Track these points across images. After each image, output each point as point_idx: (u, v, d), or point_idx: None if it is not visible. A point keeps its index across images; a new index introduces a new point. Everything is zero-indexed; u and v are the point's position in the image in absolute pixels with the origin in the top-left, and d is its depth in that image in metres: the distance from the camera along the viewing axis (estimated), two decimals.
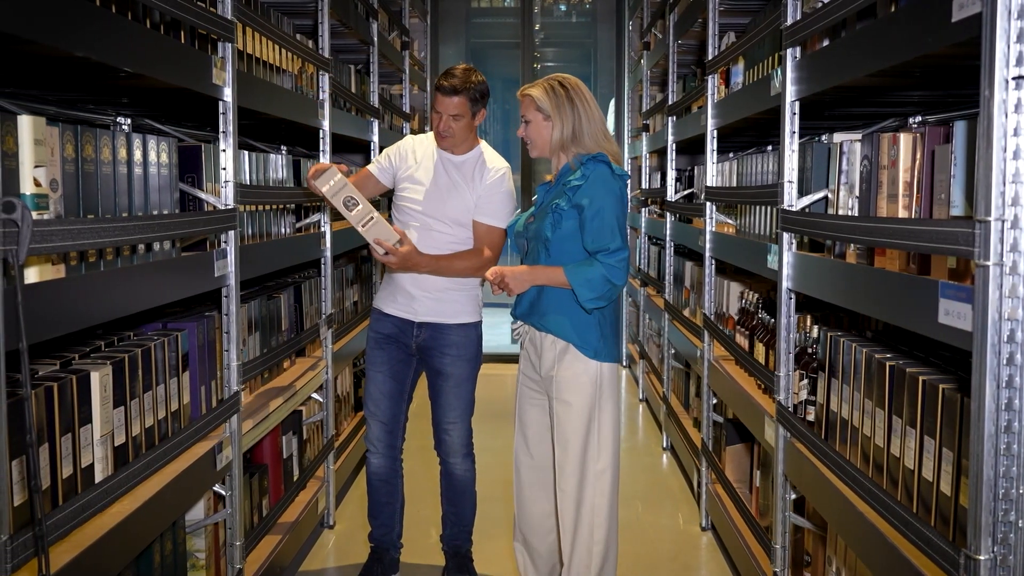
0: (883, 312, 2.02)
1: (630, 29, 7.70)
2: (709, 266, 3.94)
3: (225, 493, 2.80)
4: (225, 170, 2.77)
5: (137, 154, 2.23)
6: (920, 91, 2.63)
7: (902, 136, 2.12)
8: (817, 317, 2.84)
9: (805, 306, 2.92)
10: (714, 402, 3.94)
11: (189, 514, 2.72)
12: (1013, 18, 1.47)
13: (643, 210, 6.60)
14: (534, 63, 8.33)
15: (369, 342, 3.35)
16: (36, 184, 1.76)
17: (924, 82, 2.41)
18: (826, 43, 2.61)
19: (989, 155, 1.51)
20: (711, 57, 3.91)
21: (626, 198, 2.88)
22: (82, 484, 2.00)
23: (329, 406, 4.04)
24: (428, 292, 3.22)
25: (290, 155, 3.81)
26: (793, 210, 2.68)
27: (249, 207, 3.17)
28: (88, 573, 1.88)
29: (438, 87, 3.14)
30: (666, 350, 5.33)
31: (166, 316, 2.75)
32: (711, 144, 3.91)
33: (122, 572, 2.18)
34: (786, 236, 2.67)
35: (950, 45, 1.68)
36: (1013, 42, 1.47)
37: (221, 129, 2.74)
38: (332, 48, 4.07)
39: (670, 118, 5.20)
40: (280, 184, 3.57)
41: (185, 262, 2.48)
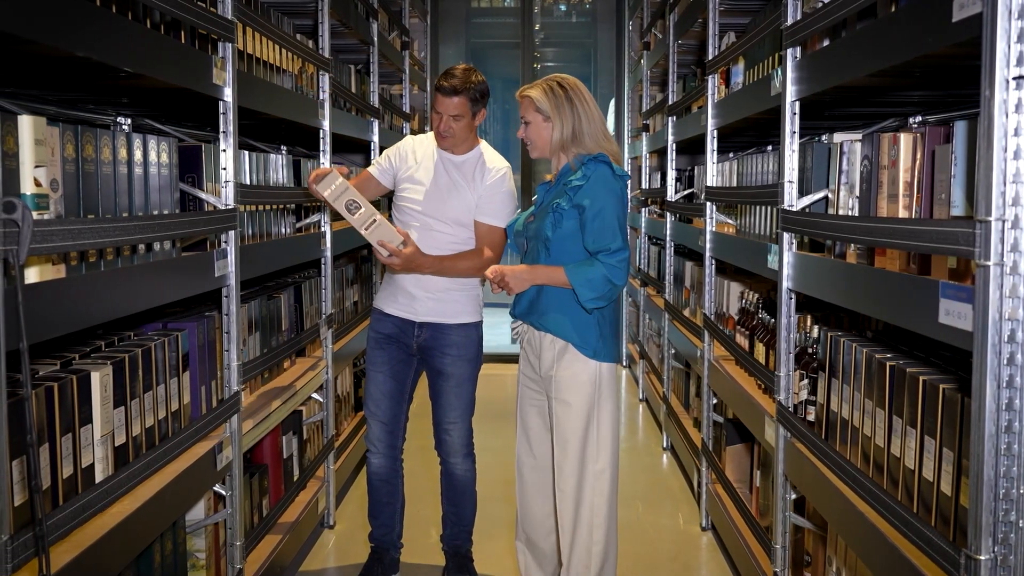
0: (883, 312, 2.02)
1: (630, 29, 7.70)
2: (709, 266, 3.94)
3: (225, 493, 2.80)
4: (225, 170, 2.77)
5: (137, 154, 2.23)
6: (920, 91, 2.63)
7: (902, 136, 2.11)
8: (817, 317, 2.84)
9: (805, 306, 2.92)
10: (714, 402, 3.94)
11: (189, 514, 2.72)
12: (1013, 18, 1.47)
13: (643, 210, 6.59)
14: (534, 63, 8.33)
15: (370, 342, 3.35)
16: (36, 184, 1.76)
17: (924, 82, 2.41)
18: (826, 43, 2.61)
19: (989, 155, 1.51)
20: (711, 57, 3.91)
21: (627, 198, 2.88)
22: (82, 484, 2.00)
23: (329, 406, 4.04)
24: (429, 292, 3.22)
25: (290, 155, 3.81)
26: (793, 210, 2.68)
27: (249, 207, 3.17)
28: (88, 573, 1.88)
29: (438, 87, 3.14)
30: (666, 350, 5.33)
31: (166, 316, 2.75)
32: (711, 144, 3.91)
33: (122, 572, 2.19)
34: (786, 236, 2.67)
35: (950, 45, 1.68)
36: (1014, 42, 1.47)
37: (221, 129, 2.75)
38: (332, 48, 4.07)
39: (670, 118, 5.20)
40: (280, 184, 3.57)
41: (185, 262, 2.48)
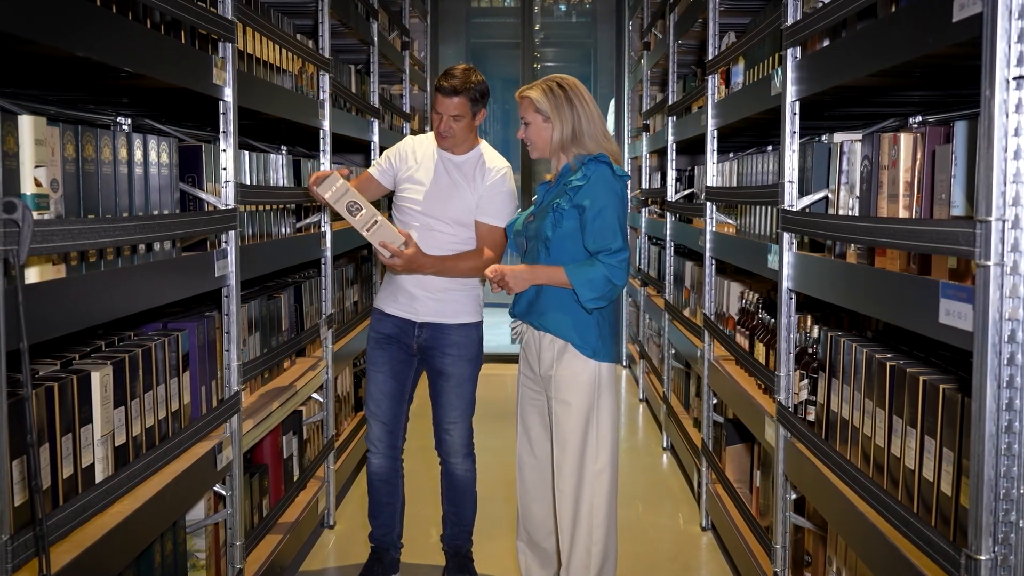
0: (884, 312, 2.02)
1: (630, 29, 7.70)
2: (709, 266, 3.94)
3: (225, 493, 2.80)
4: (225, 170, 2.77)
5: (137, 154, 2.23)
6: (920, 91, 2.63)
7: (903, 136, 2.11)
8: (817, 317, 2.84)
9: (805, 306, 2.92)
10: (714, 402, 3.94)
11: (189, 514, 2.72)
12: (1014, 18, 1.47)
13: (643, 210, 6.59)
14: (534, 63, 8.33)
15: (370, 342, 3.35)
16: (37, 184, 1.76)
17: (924, 82, 2.41)
18: (826, 43, 2.61)
19: (990, 155, 1.51)
20: (711, 57, 3.91)
21: (627, 198, 2.88)
22: (82, 484, 2.00)
23: (329, 406, 4.04)
24: (429, 292, 3.22)
25: (290, 155, 3.81)
26: (793, 210, 2.68)
27: (249, 207, 3.17)
28: (89, 573, 1.88)
29: (438, 88, 3.14)
30: (666, 350, 5.33)
31: (166, 316, 2.75)
32: (711, 144, 3.91)
33: (123, 572, 2.18)
34: (786, 236, 2.67)
35: (950, 45, 1.68)
36: (1014, 42, 1.47)
37: (221, 129, 2.74)
38: (332, 48, 4.07)
39: (670, 118, 5.20)
40: (280, 184, 3.57)
41: (185, 262, 2.48)
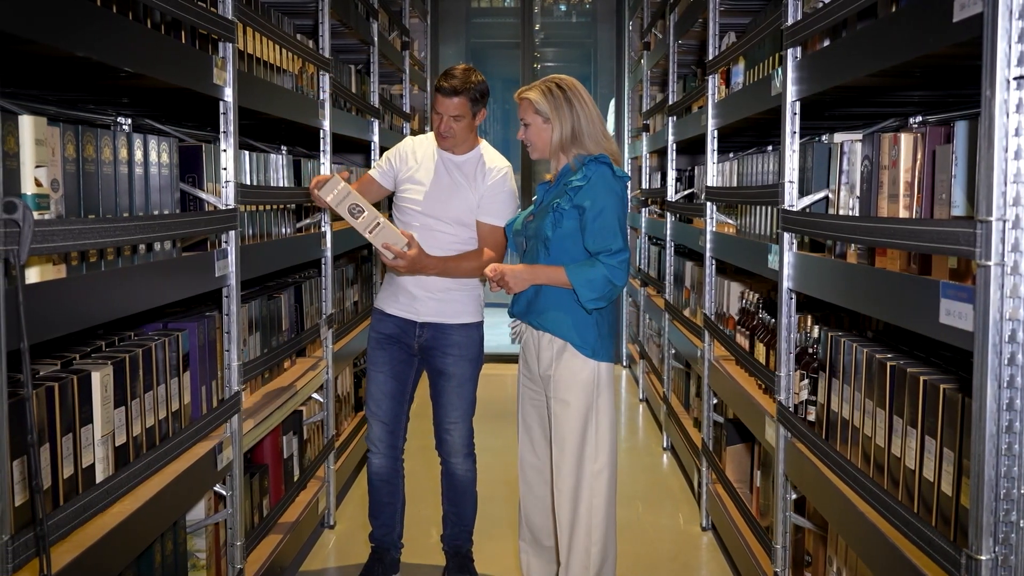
0: (884, 312, 2.02)
1: (630, 29, 7.70)
2: (709, 266, 3.94)
3: (226, 493, 2.80)
4: (226, 170, 2.77)
5: (138, 154, 2.23)
6: (921, 91, 2.63)
7: (903, 136, 2.11)
8: (818, 317, 2.84)
9: (806, 306, 2.92)
10: (714, 402, 3.94)
11: (190, 514, 2.72)
12: (1014, 18, 1.47)
13: (643, 210, 6.59)
14: (534, 63, 8.33)
15: (371, 342, 3.35)
16: (37, 184, 1.76)
17: (925, 82, 2.41)
18: (827, 43, 2.61)
19: (990, 155, 1.51)
20: (711, 57, 3.91)
21: (627, 199, 2.88)
22: (83, 484, 2.00)
23: (329, 406, 4.04)
24: (430, 292, 3.22)
25: (291, 155, 3.81)
26: (794, 210, 2.68)
27: (250, 207, 3.17)
28: (89, 573, 1.88)
29: (438, 88, 3.14)
30: (666, 350, 5.33)
31: (167, 316, 2.75)
32: (711, 144, 3.91)
33: (123, 572, 2.18)
34: (787, 236, 2.67)
35: (951, 45, 1.68)
36: (1014, 42, 1.47)
37: (222, 129, 2.74)
38: (332, 48, 4.07)
39: (670, 118, 5.20)
40: (280, 184, 3.57)
41: (186, 262, 2.48)
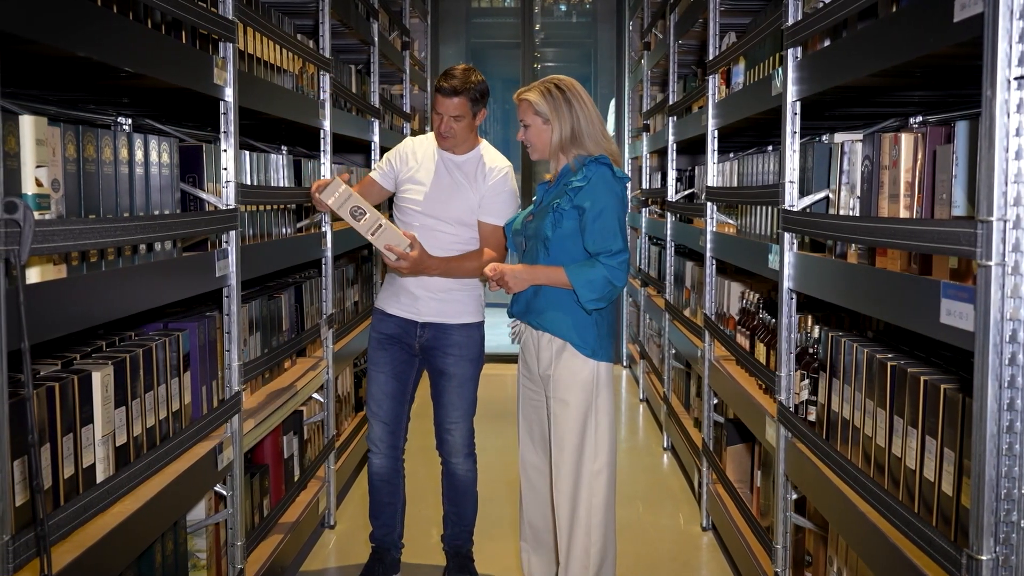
0: (884, 312, 2.02)
1: (630, 29, 7.70)
2: (710, 266, 3.94)
3: (226, 493, 2.80)
4: (226, 170, 2.77)
5: (138, 154, 2.23)
6: (921, 91, 2.63)
7: (903, 136, 2.11)
8: (818, 317, 2.84)
9: (806, 306, 2.92)
10: (715, 402, 3.94)
11: (190, 514, 2.72)
12: (1015, 18, 1.47)
13: (643, 210, 6.59)
14: (534, 63, 8.32)
15: (371, 342, 3.35)
16: (38, 184, 1.76)
17: (925, 82, 2.41)
18: (827, 43, 2.61)
19: (991, 155, 1.51)
20: (712, 57, 3.91)
21: (627, 200, 2.88)
22: (83, 484, 2.00)
23: (330, 406, 4.04)
24: (432, 292, 3.22)
25: (291, 155, 3.81)
26: (794, 210, 2.68)
27: (250, 207, 3.17)
28: (90, 573, 1.88)
29: (438, 88, 3.14)
30: (667, 350, 5.32)
31: (167, 316, 2.75)
32: (712, 144, 3.91)
33: (123, 572, 2.18)
34: (787, 236, 2.67)
35: (951, 45, 1.68)
36: (1015, 42, 1.47)
37: (222, 129, 2.74)
38: (333, 48, 4.07)
39: (671, 118, 5.20)
40: (281, 184, 3.57)
41: (186, 262, 2.48)
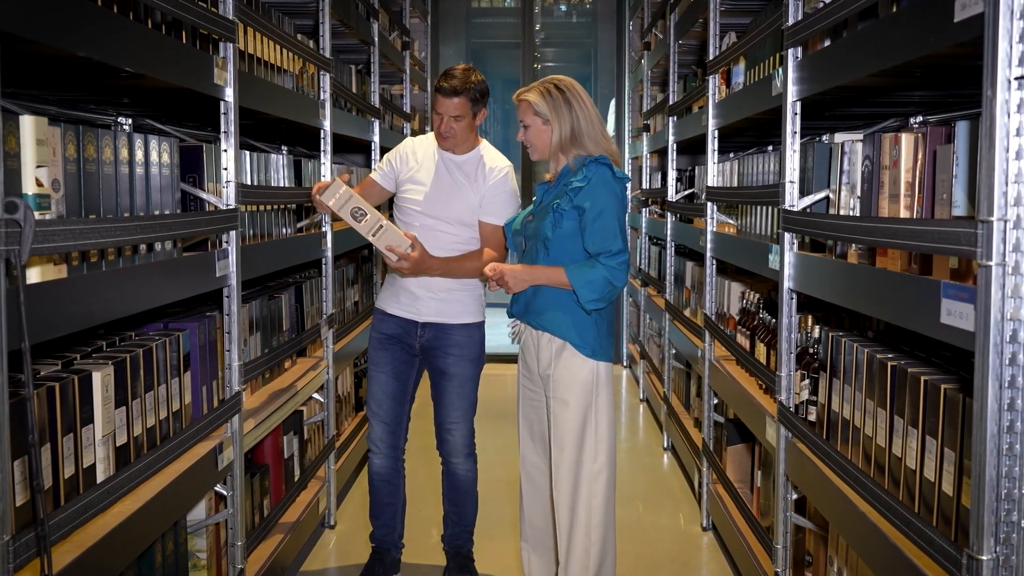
0: (885, 312, 2.02)
1: (630, 29, 7.70)
2: (710, 266, 3.94)
3: (226, 493, 2.80)
4: (226, 170, 2.77)
5: (139, 154, 2.23)
6: (921, 91, 2.63)
7: (904, 136, 2.11)
8: (818, 317, 2.84)
9: (806, 306, 2.92)
10: (715, 402, 3.94)
11: (190, 514, 2.72)
12: (1016, 18, 1.47)
13: (644, 210, 6.59)
14: (534, 63, 8.32)
15: (372, 342, 3.35)
16: (38, 184, 1.76)
17: (925, 82, 2.41)
18: (827, 43, 2.61)
19: (991, 155, 1.51)
20: (712, 57, 3.91)
21: (627, 200, 2.88)
22: (84, 484, 2.00)
23: (330, 406, 4.04)
24: (432, 292, 3.22)
25: (291, 155, 3.81)
26: (794, 210, 2.68)
27: (250, 207, 3.17)
28: (90, 573, 1.88)
29: (438, 88, 3.14)
30: (667, 350, 5.33)
31: (167, 316, 2.75)
32: (712, 144, 3.91)
33: (124, 572, 2.18)
34: (787, 236, 2.67)
35: (952, 45, 1.68)
36: (1016, 42, 1.47)
37: (222, 129, 2.74)
38: (333, 48, 4.07)
39: (671, 118, 5.20)
40: (281, 184, 3.57)
41: (186, 262, 2.48)
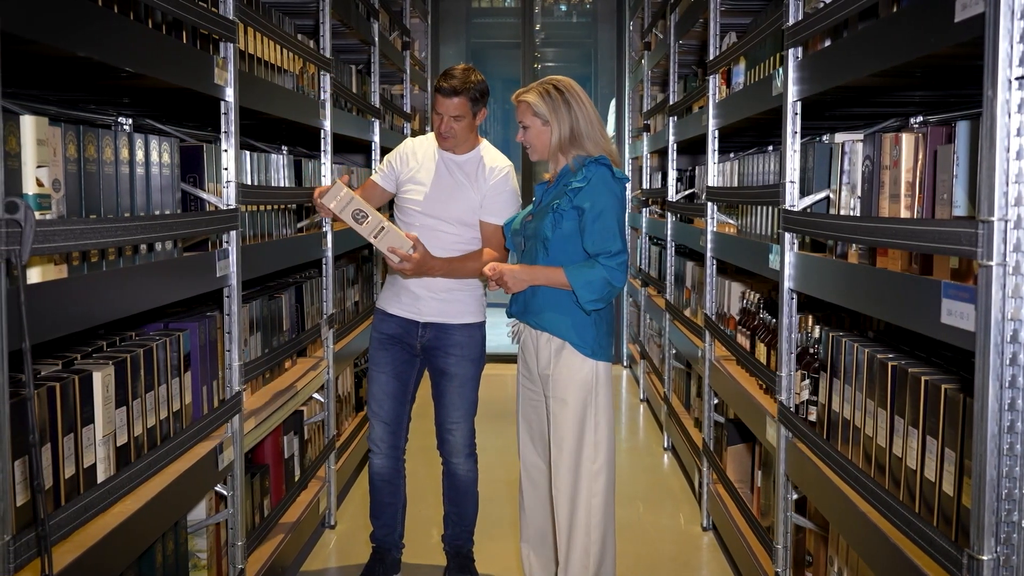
0: (885, 312, 2.02)
1: (631, 29, 7.70)
2: (710, 266, 3.94)
3: (227, 493, 2.80)
4: (227, 170, 2.77)
5: (139, 154, 2.23)
6: (922, 91, 2.63)
7: (904, 136, 2.11)
8: (819, 317, 2.84)
9: (807, 306, 2.92)
10: (715, 402, 3.94)
11: (191, 514, 2.72)
12: (1016, 18, 1.47)
13: (644, 210, 6.59)
14: (534, 63, 8.32)
15: (373, 342, 3.35)
16: (39, 184, 1.76)
17: (926, 82, 2.41)
18: (828, 43, 2.61)
19: (992, 155, 1.51)
20: (712, 57, 3.91)
21: (626, 200, 2.88)
22: (84, 484, 2.00)
23: (330, 406, 4.04)
24: (433, 292, 3.22)
25: (291, 155, 3.81)
26: (795, 210, 2.68)
27: (250, 207, 3.17)
28: (90, 573, 1.88)
29: (438, 88, 3.14)
30: (667, 350, 5.33)
31: (168, 316, 2.75)
32: (712, 144, 3.91)
33: (124, 572, 2.18)
34: (788, 236, 2.67)
35: (952, 45, 1.68)
36: (1016, 42, 1.47)
37: (223, 129, 2.74)
38: (333, 48, 4.07)
39: (671, 118, 5.20)
40: (281, 184, 3.57)
41: (187, 262, 2.48)
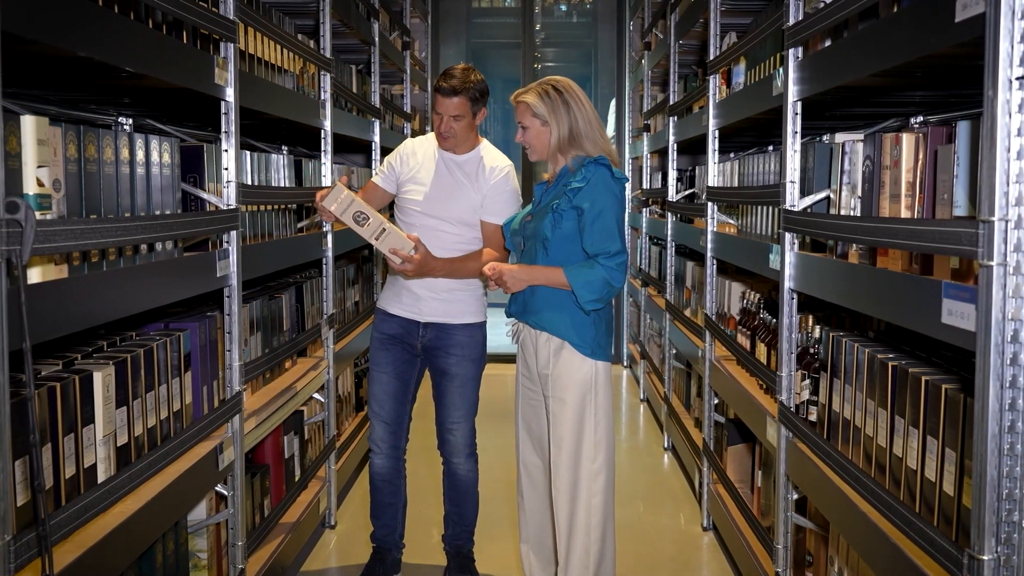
0: (886, 312, 2.02)
1: (631, 29, 7.70)
2: (710, 266, 3.94)
3: (227, 493, 2.80)
4: (227, 170, 2.77)
5: (139, 154, 2.23)
6: (922, 91, 2.63)
7: (904, 136, 2.11)
8: (819, 317, 2.84)
9: (807, 306, 2.92)
10: (716, 402, 3.94)
11: (191, 514, 2.72)
12: (1017, 18, 1.47)
13: (644, 210, 6.59)
14: (535, 63, 8.32)
15: (373, 342, 3.35)
16: (39, 184, 1.76)
17: (926, 82, 2.41)
18: (828, 43, 2.61)
19: (992, 155, 1.51)
20: (712, 57, 3.91)
21: (625, 200, 2.88)
22: (85, 484, 2.00)
23: (331, 406, 4.04)
24: (434, 292, 3.22)
25: (292, 155, 3.81)
26: (795, 210, 2.68)
27: (251, 207, 3.17)
28: (91, 573, 1.88)
29: (437, 88, 3.14)
30: (667, 350, 5.33)
31: (168, 316, 2.75)
32: (712, 144, 3.91)
33: (125, 572, 2.19)
34: (788, 236, 2.67)
35: (953, 45, 1.68)
36: (1017, 42, 1.47)
37: (223, 129, 2.74)
38: (333, 48, 4.07)
39: (671, 118, 5.19)
40: (281, 184, 3.57)
41: (187, 262, 2.48)
